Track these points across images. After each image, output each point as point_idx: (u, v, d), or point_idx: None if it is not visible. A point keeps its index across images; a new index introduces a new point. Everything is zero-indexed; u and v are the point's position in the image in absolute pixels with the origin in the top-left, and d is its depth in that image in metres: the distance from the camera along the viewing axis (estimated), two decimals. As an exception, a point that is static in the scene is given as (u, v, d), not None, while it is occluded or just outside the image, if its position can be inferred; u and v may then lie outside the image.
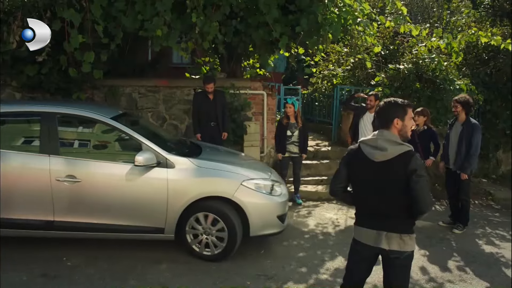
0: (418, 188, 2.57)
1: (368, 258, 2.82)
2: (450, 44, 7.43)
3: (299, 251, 4.84)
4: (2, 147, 4.22)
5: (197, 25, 6.15)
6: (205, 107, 6.45)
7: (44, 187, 4.14)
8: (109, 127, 4.43)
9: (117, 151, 4.68)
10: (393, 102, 2.76)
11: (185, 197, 4.26)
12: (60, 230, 4.24)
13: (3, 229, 4.18)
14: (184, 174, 4.30)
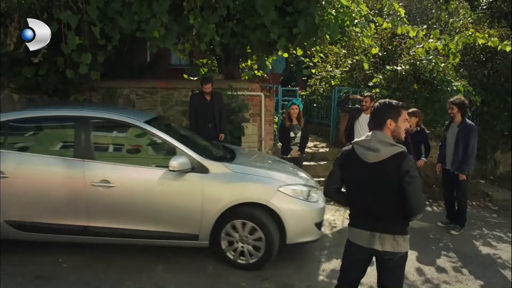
0: (410, 189, 2.57)
1: (362, 259, 2.82)
2: (447, 46, 7.44)
3: (295, 253, 4.81)
4: (37, 152, 4.20)
5: (194, 27, 6.16)
6: (202, 108, 6.45)
7: (79, 192, 4.09)
8: (143, 131, 4.36)
9: (151, 155, 4.58)
10: (387, 103, 2.76)
11: (220, 204, 4.12)
12: (94, 235, 4.17)
13: (37, 234, 4.14)
14: (219, 179, 4.17)
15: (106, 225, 4.14)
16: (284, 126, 6.64)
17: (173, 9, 6.14)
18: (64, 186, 4.11)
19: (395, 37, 8.97)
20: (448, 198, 6.08)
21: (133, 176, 4.18)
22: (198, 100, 6.56)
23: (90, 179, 4.08)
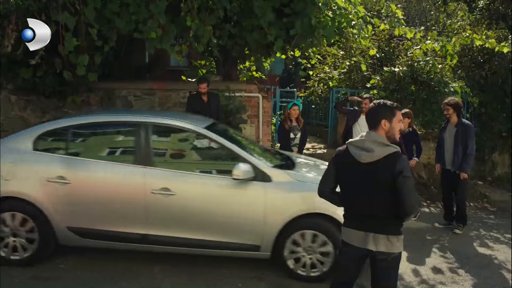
0: (404, 189, 2.58)
1: (356, 259, 2.83)
2: (444, 47, 7.46)
3: (292, 253, 4.83)
4: (97, 157, 4.18)
5: (191, 28, 6.18)
6: (199, 109, 6.42)
7: (139, 200, 4.02)
8: (204, 138, 4.29)
9: (212, 162, 4.48)
10: (381, 104, 2.78)
11: (283, 214, 3.96)
12: (154, 244, 4.10)
13: (97, 241, 4.10)
14: (282, 188, 4.01)
15: (166, 234, 4.04)
16: (284, 127, 6.61)
17: (170, 10, 6.16)
18: (124, 193, 4.05)
19: (393, 39, 8.99)
20: (447, 199, 6.10)
21: (194, 184, 4.10)
22: (195, 100, 6.57)
23: (151, 186, 3.99)
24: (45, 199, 3.99)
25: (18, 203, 4.01)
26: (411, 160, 6.03)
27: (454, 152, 5.74)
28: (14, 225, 4.04)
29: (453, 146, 5.74)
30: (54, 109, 7.13)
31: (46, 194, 3.99)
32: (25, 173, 4.05)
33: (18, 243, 4.06)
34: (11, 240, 4.05)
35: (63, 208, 4.02)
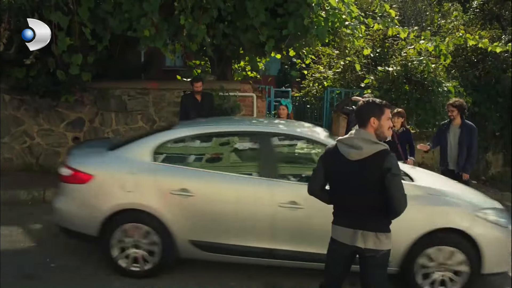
0: (392, 187, 2.59)
1: (345, 257, 2.83)
2: (438, 47, 7.49)
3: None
4: (219, 169, 4.06)
5: (185, 27, 6.20)
6: (193, 109, 6.46)
7: (265, 213, 3.85)
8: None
9: None
10: (370, 102, 2.79)
11: (414, 229, 3.74)
12: (281, 259, 3.93)
13: (220, 255, 3.97)
14: (413, 201, 3.71)
15: (293, 249, 3.87)
16: None
17: (164, 9, 6.18)
18: (250, 206, 3.91)
19: (388, 39, 9.02)
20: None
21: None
22: (188, 100, 6.59)
23: (278, 199, 3.81)
24: (168, 212, 3.87)
25: (140, 215, 3.90)
26: (407, 159, 6.04)
27: (458, 153, 5.77)
28: (136, 236, 3.94)
29: (457, 147, 5.77)
30: (47, 109, 7.13)
31: (169, 206, 3.87)
32: (146, 185, 3.92)
33: (139, 255, 3.97)
34: (132, 251, 3.97)
35: (186, 221, 3.89)
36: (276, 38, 6.54)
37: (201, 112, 6.49)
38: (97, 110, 7.46)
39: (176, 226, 3.88)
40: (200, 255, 4.00)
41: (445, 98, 7.48)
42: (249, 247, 3.90)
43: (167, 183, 3.91)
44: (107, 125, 7.52)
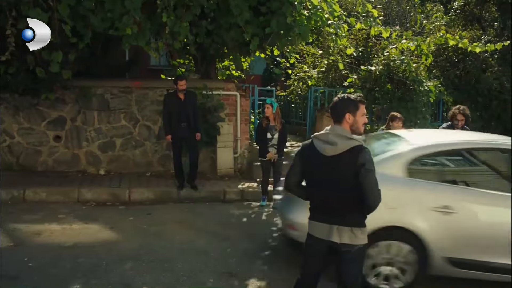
0: (366, 182, 2.61)
1: (321, 252, 2.85)
2: (419, 46, 7.59)
3: (265, 250, 4.86)
4: (478, 186, 4.00)
5: (168, 25, 6.17)
6: (176, 108, 6.44)
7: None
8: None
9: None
10: (345, 98, 2.80)
11: None
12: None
13: (473, 271, 3.86)
14: None
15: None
16: (261, 126, 6.45)
17: (146, 7, 6.15)
18: (497, 221, 3.83)
19: (371, 38, 9.11)
20: None
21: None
22: (171, 99, 6.54)
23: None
24: (428, 229, 3.79)
25: (401, 232, 3.82)
26: None
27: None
28: (391, 254, 3.84)
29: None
30: (28, 107, 7.04)
31: (430, 223, 3.79)
32: (407, 201, 3.86)
33: (392, 273, 3.84)
34: (385, 269, 3.85)
35: (445, 239, 3.81)
36: (260, 37, 6.55)
37: (184, 111, 6.48)
38: (79, 109, 7.38)
39: (435, 244, 3.81)
40: (450, 272, 3.92)
41: (426, 97, 7.59)
42: (493, 263, 3.83)
43: (427, 199, 3.84)
44: (89, 124, 7.45)
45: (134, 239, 4.98)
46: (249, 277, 4.13)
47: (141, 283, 3.89)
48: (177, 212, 6.10)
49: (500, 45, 7.87)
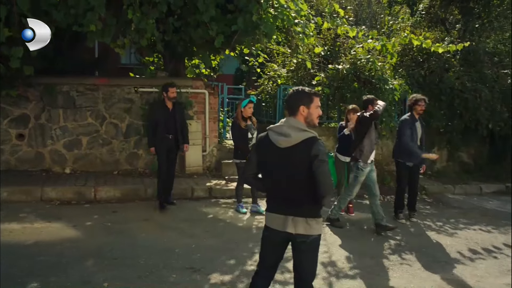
0: (319, 173, 2.66)
1: (278, 243, 2.90)
2: (385, 46, 7.77)
3: (230, 245, 4.89)
4: None
5: (134, 22, 6.12)
6: (163, 118, 5.97)
7: None
8: None
9: None
10: (300, 90, 2.86)
11: None
12: None
13: None
14: None
15: None
16: (240, 127, 5.92)
17: (111, 3, 6.08)
18: None
19: (339, 38, 9.26)
20: (403, 191, 6.39)
21: None
22: (159, 109, 6.07)
23: None
24: None
25: None
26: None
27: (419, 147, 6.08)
28: None
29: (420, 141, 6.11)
30: (-12, 104, 6.84)
31: None
32: None
33: None
34: None
35: None
36: (227, 35, 6.57)
37: (173, 123, 5.98)
38: (44, 106, 7.22)
39: None
40: None
41: (391, 95, 7.77)
42: None
43: None
44: (54, 122, 7.29)
45: (98, 237, 4.94)
46: (212, 271, 4.16)
47: (102, 280, 3.85)
48: (143, 210, 6.06)
49: (461, 45, 8.14)
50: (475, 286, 4.27)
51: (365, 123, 5.48)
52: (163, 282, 3.89)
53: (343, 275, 4.30)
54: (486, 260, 5.02)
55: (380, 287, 4.09)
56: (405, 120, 6.15)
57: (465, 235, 5.88)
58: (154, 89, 7.50)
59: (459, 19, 10.94)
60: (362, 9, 21.58)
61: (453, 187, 8.54)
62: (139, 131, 7.56)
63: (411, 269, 4.57)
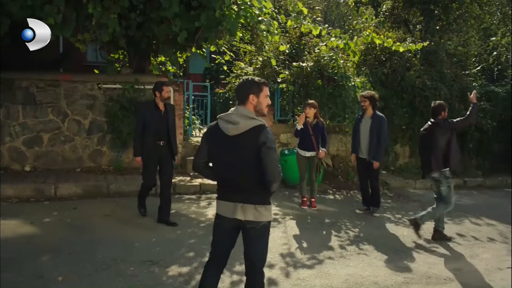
0: (267, 159, 2.72)
1: (229, 230, 2.93)
2: (347, 44, 7.95)
3: (191, 238, 4.91)
4: None
5: (94, 17, 6.05)
6: (154, 121, 5.13)
7: None
8: None
9: None
10: (249, 80, 2.92)
11: None
12: None
13: None
14: None
15: None
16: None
17: (71, -4, 5.99)
18: None
19: (304, 36, 9.40)
20: (363, 186, 6.55)
21: None
22: (150, 110, 5.23)
23: None
24: None
25: None
26: (319, 151, 6.34)
27: (369, 142, 6.17)
28: None
29: (368, 136, 6.18)
30: None
31: None
32: None
33: None
34: None
35: None
36: (191, 31, 6.57)
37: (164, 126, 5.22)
38: (1, 103, 7.03)
39: None
40: None
41: (353, 92, 7.96)
42: None
43: None
44: (13, 119, 7.12)
45: (56, 233, 4.87)
46: (171, 264, 4.17)
47: (56, 274, 3.80)
48: (105, 206, 6.00)
49: (420, 45, 8.44)
50: (427, 272, 4.44)
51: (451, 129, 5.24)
52: (120, 275, 3.87)
53: (300, 265, 4.39)
54: (439, 248, 5.22)
55: (335, 275, 4.19)
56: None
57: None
58: (117, 86, 7.43)
59: (421, 20, 11.32)
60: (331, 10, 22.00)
61: (414, 182, 8.82)
62: (102, 128, 7.48)
63: (367, 258, 4.71)
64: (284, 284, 3.92)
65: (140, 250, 4.46)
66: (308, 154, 6.38)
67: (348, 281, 4.08)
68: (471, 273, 4.51)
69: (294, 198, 7.07)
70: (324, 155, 6.45)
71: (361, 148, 6.34)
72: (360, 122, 6.39)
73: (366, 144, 6.24)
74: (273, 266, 4.29)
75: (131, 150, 7.47)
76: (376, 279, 4.18)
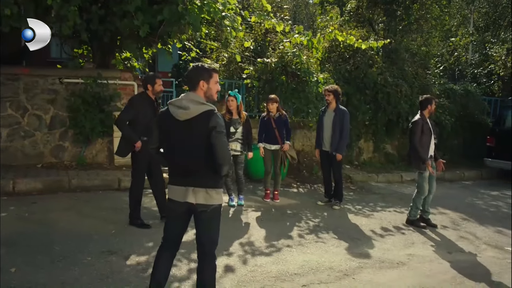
0: (217, 143, 2.81)
1: (181, 215, 2.99)
2: (310, 41, 8.11)
3: (152, 230, 4.91)
4: None
5: (54, 8, 5.96)
6: (147, 118, 4.70)
7: None
8: None
9: None
10: (200, 66, 2.99)
11: None
12: None
13: None
14: None
15: None
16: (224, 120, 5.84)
17: (29, -13, 5.88)
18: None
19: (270, 33, 9.54)
20: (326, 178, 6.69)
21: None
22: (144, 104, 4.83)
23: None
24: None
25: None
26: (283, 144, 6.44)
27: (332, 135, 6.31)
28: None
29: (331, 129, 6.33)
30: None
31: None
32: None
33: None
34: None
35: None
36: (154, 26, 6.57)
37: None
38: (-43, 97, 6.83)
39: None
40: None
41: (315, 88, 8.14)
42: None
43: None
44: (-31, 113, 6.91)
45: (12, 227, 4.76)
46: (130, 254, 4.18)
47: (11, 266, 3.75)
48: (66, 200, 5.92)
49: (382, 43, 8.71)
50: (381, 257, 4.62)
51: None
52: (77, 265, 3.86)
53: (258, 253, 4.48)
54: (395, 236, 5.44)
55: (292, 261, 4.31)
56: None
57: (380, 216, 6.31)
58: (80, 80, 7.32)
59: (384, 20, 11.65)
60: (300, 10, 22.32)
61: (376, 176, 9.10)
62: (64, 123, 7.35)
63: (325, 246, 4.86)
64: (241, 271, 4.00)
65: (98, 242, 4.44)
66: (273, 147, 6.48)
67: (304, 266, 4.21)
68: (422, 257, 4.72)
69: (258, 191, 7.17)
70: (288, 148, 6.56)
71: (324, 141, 6.50)
72: (323, 115, 6.56)
73: (329, 136, 6.40)
74: (231, 254, 4.37)
75: (95, 145, 7.52)
76: (331, 264, 4.32)
